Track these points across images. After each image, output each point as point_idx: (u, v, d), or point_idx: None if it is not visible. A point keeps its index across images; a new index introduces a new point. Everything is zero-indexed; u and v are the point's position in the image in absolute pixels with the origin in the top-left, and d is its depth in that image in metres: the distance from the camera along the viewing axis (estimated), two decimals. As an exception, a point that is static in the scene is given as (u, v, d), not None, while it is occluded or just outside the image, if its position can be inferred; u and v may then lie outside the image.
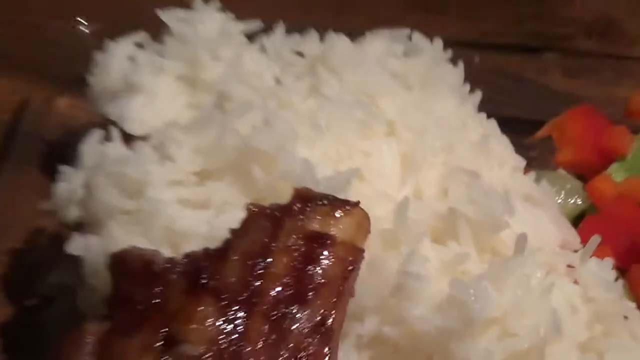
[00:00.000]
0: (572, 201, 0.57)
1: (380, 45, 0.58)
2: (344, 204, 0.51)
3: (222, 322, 0.48)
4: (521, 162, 0.56)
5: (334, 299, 0.49)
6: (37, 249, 0.57)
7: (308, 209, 0.51)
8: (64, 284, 0.57)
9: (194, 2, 0.60)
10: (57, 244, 0.55)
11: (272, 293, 0.49)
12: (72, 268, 0.54)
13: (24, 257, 0.57)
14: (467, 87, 0.57)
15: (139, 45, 0.59)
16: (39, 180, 0.59)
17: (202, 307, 0.48)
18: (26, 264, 0.57)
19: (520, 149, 0.55)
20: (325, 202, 0.51)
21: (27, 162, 0.59)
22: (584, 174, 0.61)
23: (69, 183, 0.55)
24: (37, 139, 0.60)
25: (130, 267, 0.51)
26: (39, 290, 0.57)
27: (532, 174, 0.57)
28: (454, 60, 0.60)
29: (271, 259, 0.49)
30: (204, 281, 0.49)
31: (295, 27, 0.62)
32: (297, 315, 0.49)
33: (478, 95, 0.59)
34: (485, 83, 0.61)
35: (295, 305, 0.49)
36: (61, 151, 0.59)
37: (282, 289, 0.49)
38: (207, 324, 0.48)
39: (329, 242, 0.50)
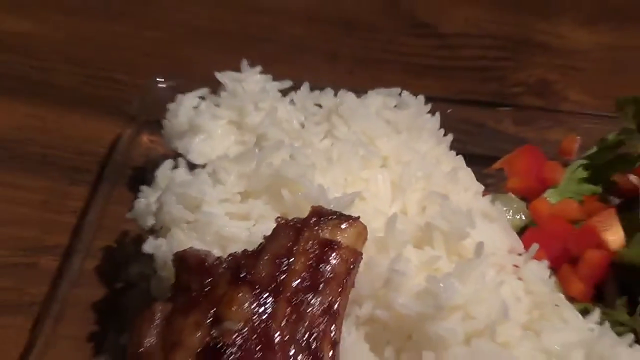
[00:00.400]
0: (518, 217, 0.58)
1: (378, 99, 0.58)
2: (348, 218, 0.50)
3: (255, 306, 0.47)
4: (481, 187, 0.58)
5: (340, 289, 0.49)
6: (123, 247, 0.56)
7: (321, 222, 0.50)
8: (141, 274, 0.55)
9: (242, 67, 0.57)
10: (137, 244, 0.53)
11: (294, 284, 0.48)
12: (147, 262, 0.53)
13: (114, 253, 0.56)
14: (442, 131, 0.59)
15: (202, 98, 0.58)
16: (126, 195, 0.57)
17: (241, 294, 0.47)
18: (115, 257, 0.55)
19: (480, 177, 0.54)
20: (334, 216, 0.50)
21: (117, 182, 0.58)
22: (527, 197, 0.62)
23: (147, 199, 0.53)
24: (125, 165, 0.58)
25: (189, 263, 0.50)
26: (124, 278, 0.56)
27: (489, 197, 0.58)
28: (432, 111, 0.60)
29: (293, 259, 0.49)
30: (242, 275, 0.48)
31: (316, 85, 0.61)
32: (311, 301, 0.48)
33: (450, 137, 0.60)
34: (455, 129, 0.61)
35: (310, 294, 0.48)
36: (142, 175, 0.57)
37: (301, 282, 0.49)
38: (244, 307, 0.47)
39: (336, 246, 0.49)
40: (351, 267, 0.48)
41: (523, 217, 0.63)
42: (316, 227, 0.49)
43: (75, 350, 0.52)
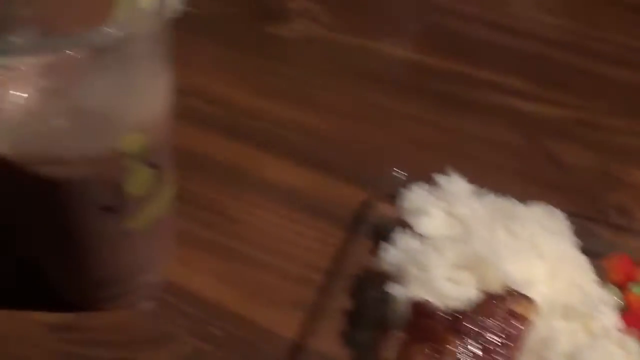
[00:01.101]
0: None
1: (539, 210, 0.60)
2: (526, 296, 0.54)
3: (462, 348, 0.51)
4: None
5: (517, 348, 0.52)
6: (367, 282, 0.56)
7: (509, 297, 0.54)
8: (375, 298, 0.57)
9: (450, 173, 0.62)
10: (374, 280, 0.56)
11: (488, 337, 0.52)
12: (384, 296, 0.54)
13: (356, 287, 0.57)
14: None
15: (424, 189, 0.60)
16: (367, 242, 0.59)
17: (454, 339, 0.51)
18: (357, 290, 0.57)
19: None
20: (517, 294, 0.54)
21: (363, 234, 0.59)
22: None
23: (388, 253, 0.56)
24: (369, 224, 0.59)
25: (420, 309, 0.53)
26: (361, 300, 0.57)
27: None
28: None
29: (489, 320, 0.52)
30: (455, 325, 0.51)
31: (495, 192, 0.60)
32: (500, 352, 0.52)
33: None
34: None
35: (500, 348, 0.52)
36: (382, 231, 0.59)
37: (493, 336, 0.52)
38: (455, 349, 0.51)
39: (518, 316, 0.52)
40: (525, 330, 0.52)
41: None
42: (506, 300, 0.53)
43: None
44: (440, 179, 0.61)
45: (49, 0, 0.44)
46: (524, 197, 0.58)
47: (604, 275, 0.58)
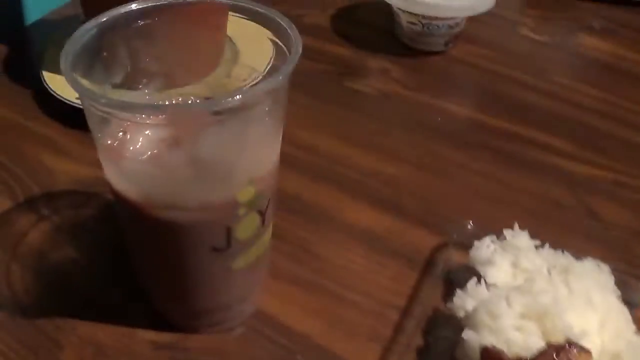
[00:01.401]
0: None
1: (593, 264, 0.57)
2: (585, 348, 0.51)
3: None
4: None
5: None
6: (439, 323, 0.55)
7: (570, 347, 0.51)
8: (445, 338, 0.55)
9: (515, 227, 0.59)
10: (451, 324, 0.54)
11: None
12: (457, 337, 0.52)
13: (428, 326, 0.55)
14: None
15: (494, 242, 0.58)
16: (439, 285, 0.57)
17: None
18: (429, 329, 0.55)
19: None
20: (577, 346, 0.51)
21: (435, 277, 0.58)
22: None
23: (460, 299, 0.55)
24: (441, 268, 0.59)
25: (491, 355, 0.51)
26: (432, 338, 0.55)
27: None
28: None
29: None
30: None
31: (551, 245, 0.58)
32: None
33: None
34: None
35: None
36: (452, 276, 0.58)
37: None
38: None
39: None
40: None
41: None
42: (566, 351, 0.51)
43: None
44: (507, 232, 0.60)
45: (170, 57, 0.40)
46: (573, 250, 0.57)
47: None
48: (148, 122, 0.36)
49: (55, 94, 0.72)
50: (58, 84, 0.74)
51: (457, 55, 0.89)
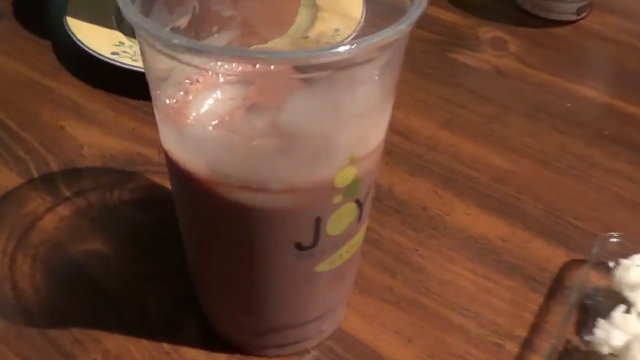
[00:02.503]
0: None
1: None
2: None
3: None
4: None
5: None
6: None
7: None
8: None
9: None
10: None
11: None
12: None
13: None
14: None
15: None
16: (574, 316, 0.53)
17: None
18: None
19: None
20: None
21: (565, 302, 0.55)
22: None
23: (602, 331, 0.50)
24: (573, 292, 0.54)
25: None
26: None
27: None
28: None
29: None
30: None
31: None
32: None
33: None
34: None
35: None
36: (589, 302, 0.54)
37: None
38: None
39: None
40: None
41: None
42: None
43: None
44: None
45: (248, 3, 0.41)
46: None
47: None
48: (230, 74, 0.32)
49: (82, 46, 0.67)
50: (85, 34, 0.70)
51: (590, 26, 0.85)
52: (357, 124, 0.36)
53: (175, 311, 0.47)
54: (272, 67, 0.34)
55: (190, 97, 0.36)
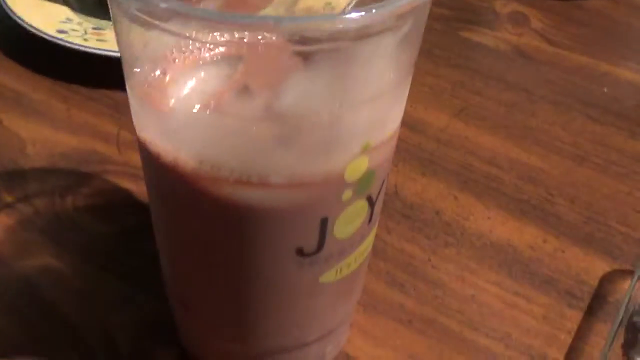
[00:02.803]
0: None
1: None
2: None
3: None
4: None
5: None
6: None
7: None
8: None
9: None
10: None
11: None
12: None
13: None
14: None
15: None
16: (620, 336, 0.53)
17: None
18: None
19: None
20: None
21: (608, 320, 0.57)
22: None
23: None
24: (616, 307, 0.57)
25: None
26: None
27: None
28: None
29: None
30: None
31: None
32: None
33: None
34: None
35: None
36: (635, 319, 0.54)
37: None
38: None
39: None
40: None
41: None
42: None
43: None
44: None
45: None
46: None
47: None
48: (221, 45, 0.33)
49: (22, 23, 0.65)
50: (26, 9, 0.68)
51: (627, -3, 0.86)
52: (373, 106, 0.36)
53: (146, 339, 0.47)
54: (274, 37, 0.35)
55: (172, 76, 0.36)
